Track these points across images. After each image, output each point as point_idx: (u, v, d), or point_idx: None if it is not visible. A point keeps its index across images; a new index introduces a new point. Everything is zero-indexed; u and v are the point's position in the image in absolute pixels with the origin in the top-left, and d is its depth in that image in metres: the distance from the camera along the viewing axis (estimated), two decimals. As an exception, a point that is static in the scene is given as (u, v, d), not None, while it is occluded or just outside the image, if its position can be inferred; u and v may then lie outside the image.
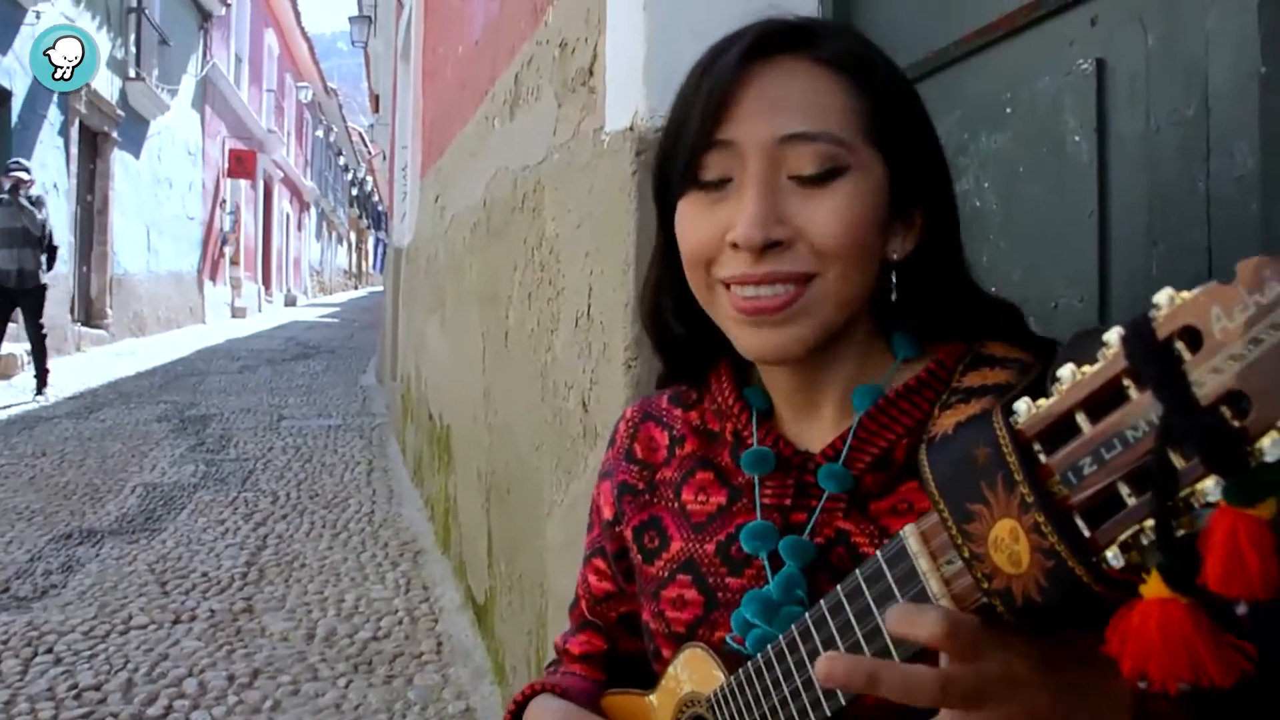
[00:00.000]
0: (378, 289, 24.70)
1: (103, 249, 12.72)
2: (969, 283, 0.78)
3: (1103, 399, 0.46)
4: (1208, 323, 0.41)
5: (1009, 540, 0.48)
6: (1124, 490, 0.45)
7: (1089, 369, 0.46)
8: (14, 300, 8.16)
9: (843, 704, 0.61)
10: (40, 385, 8.29)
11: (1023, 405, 0.49)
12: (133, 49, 13.60)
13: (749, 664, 0.69)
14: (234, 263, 19.86)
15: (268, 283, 23.80)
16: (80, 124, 11.73)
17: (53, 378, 8.53)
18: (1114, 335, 0.45)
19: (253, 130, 20.69)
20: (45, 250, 8.28)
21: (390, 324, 8.65)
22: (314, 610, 3.56)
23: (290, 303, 26.06)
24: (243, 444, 6.64)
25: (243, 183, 20.54)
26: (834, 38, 0.76)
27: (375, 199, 43.23)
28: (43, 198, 8.68)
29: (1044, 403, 0.48)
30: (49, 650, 3.16)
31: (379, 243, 39.94)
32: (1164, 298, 0.44)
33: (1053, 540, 0.47)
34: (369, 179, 42.46)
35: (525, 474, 2.43)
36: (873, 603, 0.58)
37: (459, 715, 2.81)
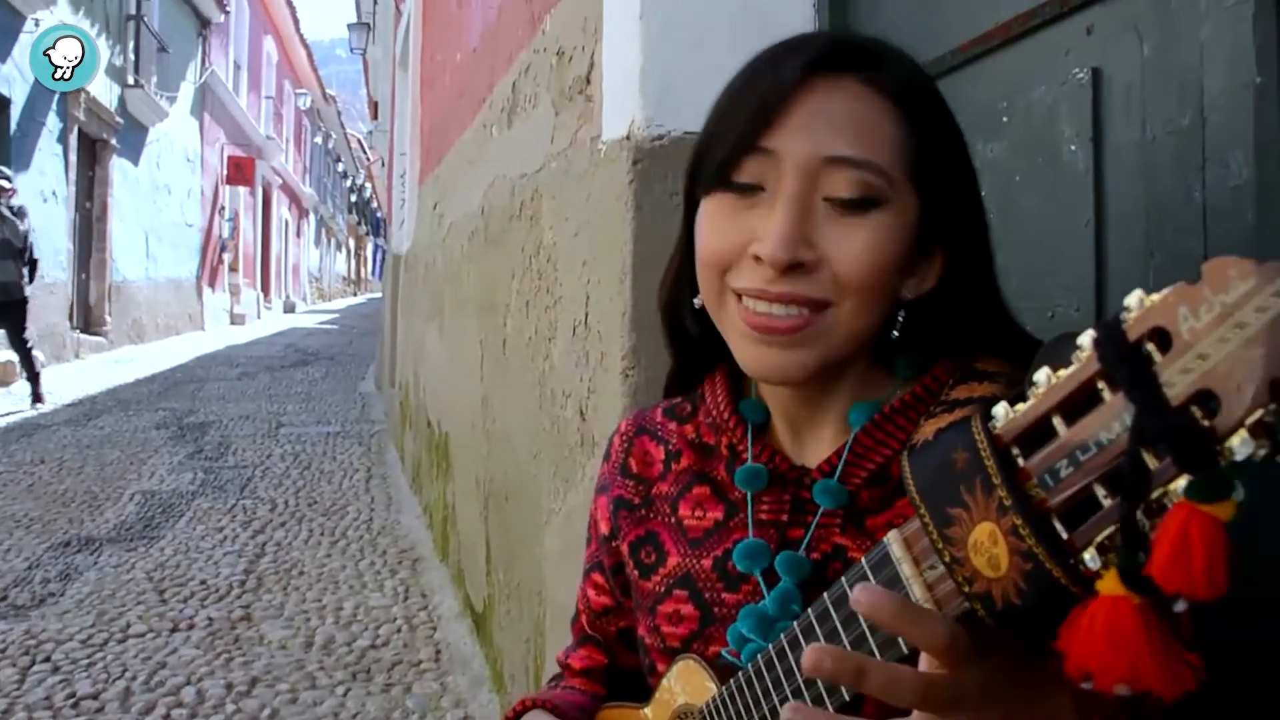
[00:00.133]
0: (376, 295, 24.72)
1: (101, 256, 12.72)
2: (1002, 316, 0.76)
3: (1078, 401, 0.46)
4: (1176, 323, 0.42)
5: (988, 543, 0.48)
6: (1100, 492, 0.45)
7: (1064, 372, 0.46)
8: None
9: (831, 710, 0.61)
10: (35, 398, 8.03)
11: (1000, 410, 0.49)
12: (131, 56, 13.62)
13: (739, 674, 0.69)
14: (233, 269, 19.86)
15: (266, 289, 23.81)
16: (79, 131, 11.72)
17: (51, 385, 8.50)
18: (1087, 338, 0.46)
19: (251, 137, 20.70)
20: (27, 263, 7.73)
21: (389, 331, 8.65)
22: (312, 618, 3.55)
23: (289, 309, 26.07)
24: (241, 451, 6.63)
25: (241, 189, 20.54)
26: (897, 65, 0.74)
27: (374, 205, 43.32)
28: (25, 208, 8.03)
29: (1021, 407, 0.48)
30: (47, 659, 3.15)
31: (378, 249, 40.01)
32: (1134, 300, 0.44)
33: (1030, 543, 0.47)
34: (368, 186, 42.53)
35: (523, 482, 2.43)
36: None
37: (457, 724, 2.81)
